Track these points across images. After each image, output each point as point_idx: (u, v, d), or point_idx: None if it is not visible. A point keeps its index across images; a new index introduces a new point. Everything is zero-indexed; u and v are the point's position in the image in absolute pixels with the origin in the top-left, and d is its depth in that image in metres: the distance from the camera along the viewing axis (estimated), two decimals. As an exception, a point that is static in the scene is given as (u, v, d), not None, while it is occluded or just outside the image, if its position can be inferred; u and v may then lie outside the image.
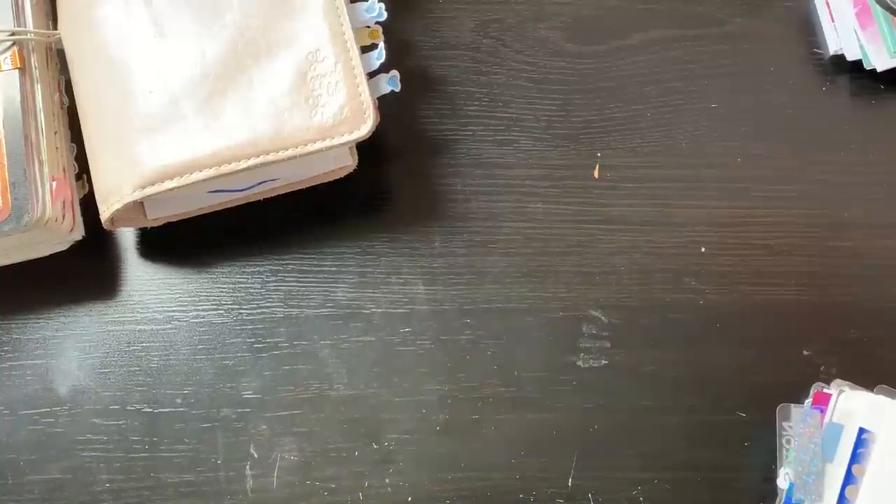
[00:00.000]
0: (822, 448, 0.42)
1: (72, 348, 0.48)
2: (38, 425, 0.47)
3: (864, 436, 0.41)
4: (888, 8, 0.50)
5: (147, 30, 0.46)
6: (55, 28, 0.48)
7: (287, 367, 0.48)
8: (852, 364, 0.48)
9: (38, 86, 0.46)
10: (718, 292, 0.49)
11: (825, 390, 0.45)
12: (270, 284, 0.49)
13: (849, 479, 0.41)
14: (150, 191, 0.44)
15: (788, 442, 0.44)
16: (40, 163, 0.45)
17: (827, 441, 0.42)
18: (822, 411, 0.43)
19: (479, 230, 0.50)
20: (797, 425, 0.43)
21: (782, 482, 0.44)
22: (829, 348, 0.48)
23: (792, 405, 0.45)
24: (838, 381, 0.45)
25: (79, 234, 0.47)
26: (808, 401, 0.45)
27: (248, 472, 0.46)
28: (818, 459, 0.42)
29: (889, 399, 0.42)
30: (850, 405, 0.43)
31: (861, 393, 0.43)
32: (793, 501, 0.42)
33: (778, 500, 0.44)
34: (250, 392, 0.47)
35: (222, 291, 0.49)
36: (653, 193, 0.51)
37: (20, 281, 0.48)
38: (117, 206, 0.44)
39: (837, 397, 0.43)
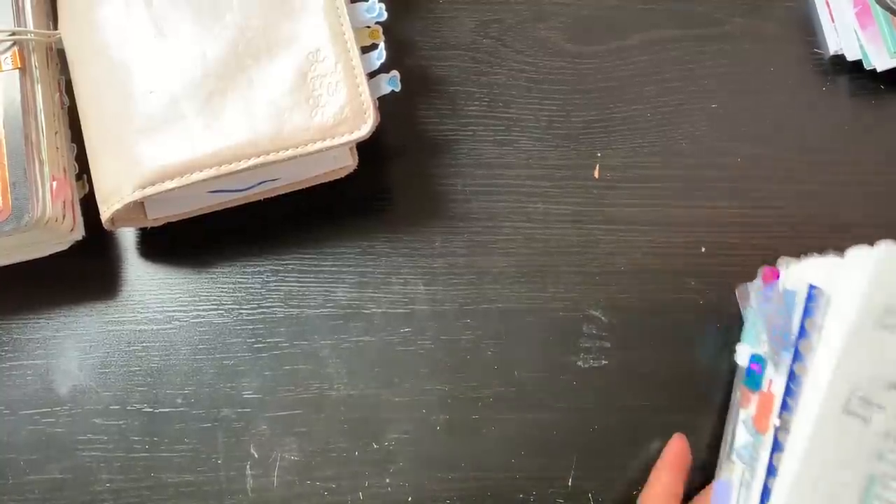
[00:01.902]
0: (789, 316, 0.42)
1: (72, 348, 0.48)
2: (38, 425, 0.47)
3: (813, 291, 0.41)
4: (888, 8, 0.50)
5: (147, 30, 0.46)
6: (55, 28, 0.48)
7: (287, 367, 0.48)
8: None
9: (39, 86, 0.46)
10: (718, 292, 0.49)
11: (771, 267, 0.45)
12: (270, 284, 0.49)
13: (802, 333, 0.41)
14: (150, 191, 0.44)
15: (753, 320, 0.44)
16: (41, 163, 0.45)
17: (787, 309, 0.42)
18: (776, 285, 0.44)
19: (480, 230, 0.50)
20: (761, 305, 0.43)
21: (742, 359, 0.44)
22: (829, 348, 0.48)
23: (748, 284, 0.45)
24: (783, 257, 0.45)
25: (79, 234, 0.47)
26: (759, 279, 0.44)
27: (248, 471, 0.46)
28: (788, 332, 0.41)
29: (836, 256, 0.42)
30: (799, 273, 0.43)
31: (807, 260, 0.43)
32: (754, 375, 0.43)
33: (737, 376, 0.44)
34: (250, 392, 0.47)
35: (222, 291, 0.49)
36: (653, 193, 0.51)
37: (20, 281, 0.48)
38: (118, 206, 0.44)
39: (787, 268, 0.44)
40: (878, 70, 0.51)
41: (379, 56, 0.47)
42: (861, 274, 0.40)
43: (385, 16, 0.48)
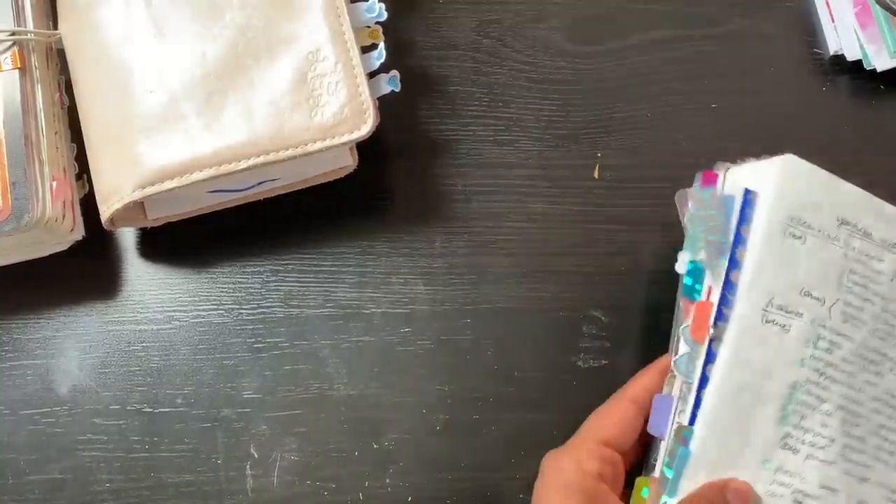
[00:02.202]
0: (727, 222, 0.41)
1: (72, 348, 0.48)
2: (38, 425, 0.47)
3: (748, 196, 0.41)
4: (888, 8, 0.50)
5: (147, 30, 0.46)
6: (55, 28, 0.48)
7: (287, 367, 0.48)
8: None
9: (39, 86, 0.46)
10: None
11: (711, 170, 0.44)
12: (270, 284, 0.49)
13: (737, 240, 0.40)
14: (150, 190, 0.44)
15: (692, 226, 0.43)
16: (40, 163, 0.45)
17: (725, 214, 0.41)
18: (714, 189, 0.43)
19: (480, 230, 0.50)
20: (699, 210, 0.42)
21: (681, 267, 0.42)
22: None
23: (687, 189, 0.44)
24: (721, 162, 0.44)
25: (79, 234, 0.47)
26: (697, 183, 0.43)
27: (248, 472, 0.46)
28: (726, 239, 0.41)
29: (770, 158, 0.42)
30: (736, 177, 0.42)
31: (744, 164, 0.43)
32: (691, 284, 0.42)
33: (679, 286, 0.43)
34: (250, 392, 0.47)
35: (222, 291, 0.49)
36: (653, 193, 0.51)
37: (20, 281, 0.48)
38: (118, 205, 0.44)
39: (725, 173, 0.43)
40: (878, 70, 0.51)
41: (379, 56, 0.47)
42: (766, 183, 0.41)
43: (385, 16, 0.48)
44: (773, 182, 0.41)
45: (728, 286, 0.40)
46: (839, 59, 0.52)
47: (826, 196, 0.42)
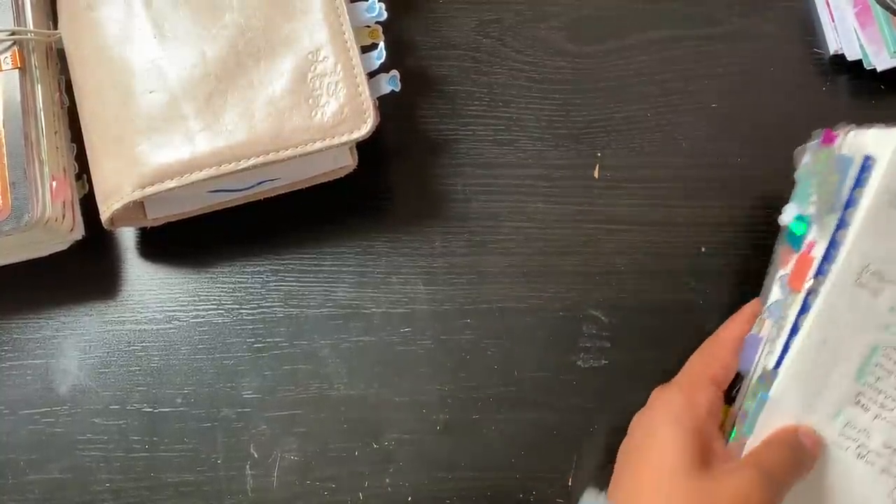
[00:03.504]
0: (841, 182, 0.42)
1: (72, 348, 0.48)
2: (38, 425, 0.47)
3: (867, 162, 0.42)
4: (888, 8, 0.50)
5: (147, 30, 0.46)
6: (55, 28, 0.48)
7: (287, 367, 0.48)
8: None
9: (39, 86, 0.46)
10: (718, 292, 0.49)
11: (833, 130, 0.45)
12: (270, 284, 0.49)
13: (850, 201, 0.42)
14: (150, 190, 0.44)
15: (804, 180, 0.44)
16: (40, 163, 0.45)
17: (841, 174, 0.42)
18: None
19: (480, 230, 0.50)
20: (814, 165, 0.44)
21: (787, 217, 0.44)
22: (829, 348, 0.48)
23: (806, 144, 0.45)
24: (843, 123, 0.44)
25: (79, 233, 0.47)
26: (816, 140, 0.45)
27: (248, 471, 0.46)
28: (838, 198, 0.42)
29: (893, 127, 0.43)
30: (858, 140, 0.43)
31: (868, 128, 0.44)
32: (797, 235, 0.43)
33: (779, 235, 0.45)
34: (250, 392, 0.47)
35: (222, 291, 0.49)
36: (653, 193, 0.51)
37: (20, 281, 0.48)
38: (117, 205, 0.44)
39: (846, 134, 0.44)
40: (878, 70, 0.51)
41: (379, 56, 0.47)
42: (883, 152, 0.41)
43: (385, 15, 0.48)
44: (889, 152, 0.41)
45: (833, 244, 0.42)
46: (839, 59, 0.52)
47: None
